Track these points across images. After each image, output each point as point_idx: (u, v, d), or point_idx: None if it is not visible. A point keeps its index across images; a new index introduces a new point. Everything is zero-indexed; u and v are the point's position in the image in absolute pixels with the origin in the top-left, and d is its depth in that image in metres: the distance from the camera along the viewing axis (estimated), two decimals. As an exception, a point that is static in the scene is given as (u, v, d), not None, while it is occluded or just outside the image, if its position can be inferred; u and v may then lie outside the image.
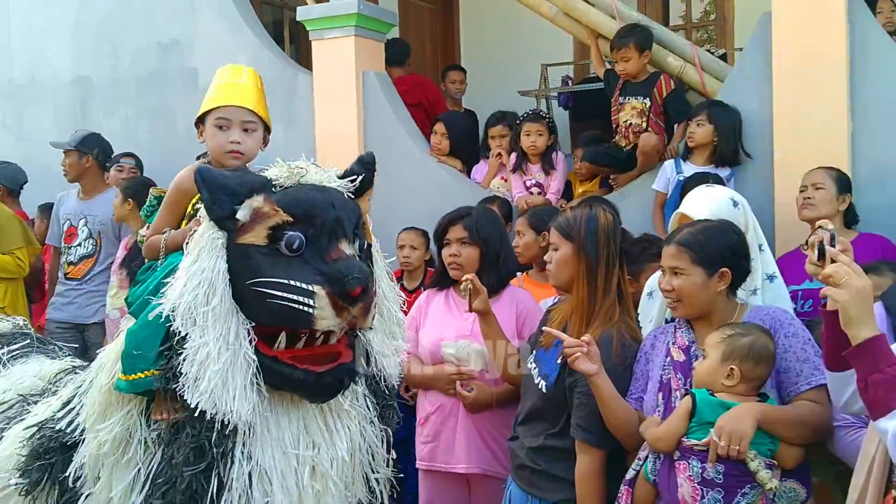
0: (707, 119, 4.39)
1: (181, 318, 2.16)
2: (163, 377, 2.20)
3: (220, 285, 2.16)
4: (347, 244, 2.21)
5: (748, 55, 4.56)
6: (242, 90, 2.72)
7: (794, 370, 2.46)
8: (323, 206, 2.20)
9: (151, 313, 2.24)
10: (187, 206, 2.60)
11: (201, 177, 2.21)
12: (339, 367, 2.24)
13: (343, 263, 2.14)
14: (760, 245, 2.96)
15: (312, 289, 2.09)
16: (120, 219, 5.31)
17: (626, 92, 4.95)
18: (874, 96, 4.16)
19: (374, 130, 5.52)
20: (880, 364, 1.86)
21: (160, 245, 2.54)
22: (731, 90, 4.57)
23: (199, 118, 2.72)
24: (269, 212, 2.17)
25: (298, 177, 2.27)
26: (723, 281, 2.57)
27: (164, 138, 6.28)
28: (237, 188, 2.20)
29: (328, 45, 5.57)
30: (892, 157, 4.02)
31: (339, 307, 2.10)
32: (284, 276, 2.12)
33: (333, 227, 2.19)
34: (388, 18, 5.83)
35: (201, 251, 2.20)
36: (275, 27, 7.59)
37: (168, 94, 6.30)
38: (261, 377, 2.18)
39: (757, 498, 2.32)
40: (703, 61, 5.03)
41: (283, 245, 2.15)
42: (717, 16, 7.92)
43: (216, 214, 2.20)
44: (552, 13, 5.47)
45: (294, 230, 2.15)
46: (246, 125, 2.66)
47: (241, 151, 2.64)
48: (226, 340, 2.13)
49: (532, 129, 5.01)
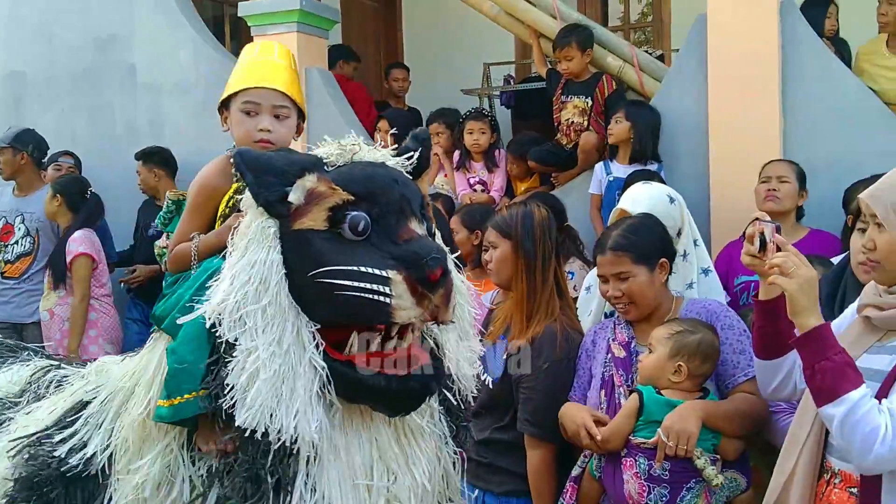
0: (624, 117, 4.49)
1: (228, 322, 1.83)
2: (209, 395, 1.88)
3: (274, 279, 1.84)
4: (417, 223, 1.90)
5: (684, 56, 4.67)
6: (273, 70, 2.35)
7: (732, 362, 2.51)
8: (385, 183, 1.90)
9: (190, 320, 1.95)
10: (217, 206, 2.26)
11: (242, 158, 1.88)
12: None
13: (417, 244, 1.83)
14: (696, 240, 3.03)
15: (387, 274, 1.77)
16: (50, 216, 5.23)
17: (568, 91, 5.03)
18: (805, 96, 4.31)
19: (317, 127, 5.45)
20: (828, 352, 1.91)
21: (190, 252, 2.18)
22: (668, 90, 4.67)
23: (223, 102, 2.38)
24: (325, 191, 1.86)
25: (351, 154, 1.98)
26: (664, 272, 2.63)
27: (101, 135, 6.17)
28: (286, 168, 1.89)
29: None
30: (822, 155, 4.16)
31: (418, 294, 1.78)
32: (353, 263, 1.79)
33: (400, 204, 1.88)
34: (331, 15, 5.82)
35: (249, 244, 1.88)
36: (215, 23, 7.50)
37: (105, 90, 6.19)
38: (331, 387, 1.84)
39: (701, 491, 2.37)
40: (642, 62, 5.13)
41: (346, 228, 1.83)
42: (654, 17, 8.07)
43: (265, 198, 1.87)
44: (494, 12, 5.52)
45: (357, 210, 1.84)
46: (277, 110, 2.31)
47: (272, 141, 2.28)
48: (279, 344, 1.81)
49: (475, 127, 5.05)
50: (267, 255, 1.85)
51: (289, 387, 1.79)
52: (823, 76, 4.32)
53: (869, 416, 1.84)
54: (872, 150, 4.10)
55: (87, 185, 5.35)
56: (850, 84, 4.33)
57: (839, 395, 1.86)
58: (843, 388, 1.86)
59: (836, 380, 1.88)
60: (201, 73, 5.91)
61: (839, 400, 1.86)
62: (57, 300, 5.06)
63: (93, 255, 5.02)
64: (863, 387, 1.88)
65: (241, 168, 1.88)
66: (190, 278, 2.12)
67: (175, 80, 5.98)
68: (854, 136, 4.23)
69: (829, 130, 4.28)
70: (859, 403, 1.85)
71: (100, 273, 5.10)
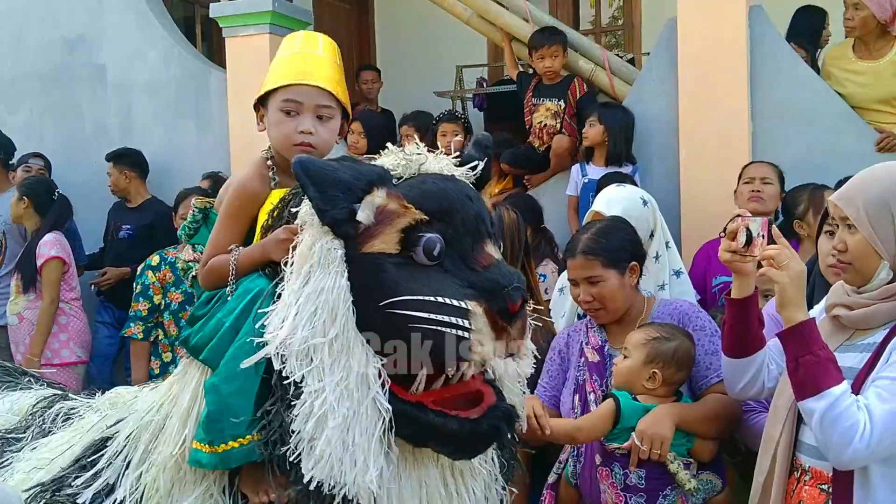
0: (598, 119, 4.53)
1: (295, 359, 1.63)
2: (265, 442, 1.68)
3: (342, 310, 1.64)
4: (492, 245, 1.73)
5: (655, 59, 4.72)
6: (317, 64, 2.10)
7: (704, 363, 2.51)
8: (459, 200, 1.71)
9: (233, 351, 1.75)
10: (254, 214, 2.03)
11: (304, 169, 1.66)
12: (492, 411, 1.72)
13: (497, 270, 1.66)
14: (667, 242, 3.06)
15: (466, 306, 1.60)
16: (16, 219, 5.16)
17: (540, 93, 5.05)
18: (773, 99, 4.38)
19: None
20: (813, 347, 1.93)
21: (229, 267, 1.93)
22: (639, 93, 4.72)
23: (260, 99, 2.15)
24: (397, 210, 1.67)
25: (418, 164, 1.77)
26: (634, 275, 2.62)
27: (70, 136, 6.10)
28: (353, 182, 1.68)
29: (242, 42, 5.51)
30: (790, 156, 4.22)
31: (498, 328, 1.61)
32: (428, 292, 1.61)
33: (475, 224, 1.70)
34: (303, 17, 5.81)
35: (313, 269, 1.67)
36: (186, 23, 7.44)
37: (74, 91, 6.12)
38: (392, 432, 1.66)
39: (677, 498, 2.38)
40: (613, 65, 5.18)
41: (419, 251, 1.65)
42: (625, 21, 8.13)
43: (332, 217, 1.66)
44: (467, 15, 5.54)
45: (430, 232, 1.66)
46: (321, 111, 2.07)
47: (314, 144, 2.05)
48: (347, 384, 1.62)
49: (448, 129, 5.07)
50: (334, 281, 1.65)
51: (355, 431, 1.61)
52: (791, 80, 4.39)
53: (849, 412, 1.86)
54: (839, 152, 4.18)
55: (55, 186, 5.28)
56: (818, 87, 4.40)
57: (821, 390, 1.89)
58: (826, 382, 1.89)
59: (818, 374, 1.90)
60: (172, 73, 5.86)
61: (821, 394, 1.89)
62: (26, 304, 4.98)
63: (64, 258, 4.96)
64: (844, 383, 1.91)
65: (303, 180, 1.67)
66: (229, 300, 1.90)
67: (145, 81, 5.93)
68: (821, 138, 4.30)
69: (796, 133, 4.35)
70: (840, 399, 1.87)
71: (69, 276, 5.03)
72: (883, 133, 4.25)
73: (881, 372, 1.93)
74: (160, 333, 4.40)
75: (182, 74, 5.83)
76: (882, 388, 1.90)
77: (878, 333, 2.01)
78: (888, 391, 1.88)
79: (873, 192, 2.01)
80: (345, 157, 1.86)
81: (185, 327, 1.99)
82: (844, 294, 2.10)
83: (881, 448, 1.87)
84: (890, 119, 4.35)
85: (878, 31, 4.35)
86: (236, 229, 2.02)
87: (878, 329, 2.02)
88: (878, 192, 2.00)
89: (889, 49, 4.35)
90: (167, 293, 4.36)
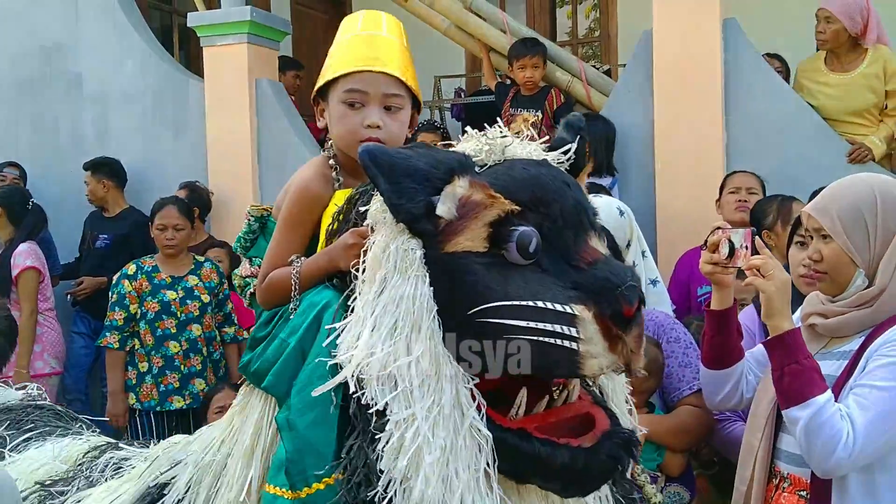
0: None
1: (376, 384, 1.38)
2: (349, 485, 1.42)
3: (426, 321, 1.40)
4: (597, 239, 1.49)
5: (631, 70, 4.77)
6: (384, 48, 1.85)
7: (677, 375, 2.52)
8: (556, 187, 1.46)
9: (317, 388, 1.46)
10: (317, 220, 1.79)
11: (373, 159, 1.43)
12: (607, 438, 1.44)
13: (605, 267, 1.41)
14: (644, 252, 3.08)
15: (572, 310, 1.34)
16: None
17: (518, 104, 5.09)
18: (747, 110, 4.43)
19: (267, 139, 5.48)
20: (798, 356, 1.95)
21: (290, 281, 1.68)
22: (615, 104, 4.76)
23: (319, 92, 1.90)
24: (483, 200, 1.42)
25: (502, 148, 1.54)
26: None
27: (45, 145, 6.05)
28: (430, 170, 1.45)
29: (220, 51, 5.50)
30: (764, 168, 4.25)
31: (612, 336, 1.35)
32: (526, 296, 1.36)
33: (576, 214, 1.46)
34: (282, 26, 5.81)
35: (388, 274, 1.43)
36: (163, 32, 7.41)
37: (51, 100, 6.07)
38: (495, 466, 1.39)
39: None
40: (589, 76, 5.23)
41: (511, 248, 1.39)
42: (601, 33, 8.19)
43: (407, 212, 1.43)
44: (445, 26, 5.57)
45: (524, 225, 1.41)
46: (389, 100, 1.83)
47: (382, 140, 1.79)
48: (441, 410, 1.37)
49: (427, 139, 5.06)
50: (415, 288, 1.41)
51: (454, 468, 1.35)
52: (764, 92, 4.45)
53: (832, 421, 1.88)
54: (812, 163, 4.23)
55: (29, 196, 5.24)
56: (790, 100, 4.46)
57: (806, 399, 1.91)
58: (811, 391, 1.91)
59: (803, 383, 1.92)
60: (148, 83, 5.83)
61: (805, 403, 1.90)
62: (-1, 314, 4.93)
63: (39, 268, 4.92)
64: (828, 392, 1.93)
65: (372, 171, 1.43)
66: (292, 318, 1.66)
67: (122, 90, 5.90)
68: (794, 150, 4.36)
69: (770, 144, 4.40)
70: (825, 407, 1.89)
71: (44, 287, 4.99)
72: (854, 145, 4.32)
73: (859, 379, 1.96)
74: (136, 343, 4.36)
75: (159, 84, 5.80)
76: (862, 396, 1.92)
77: (854, 341, 2.04)
78: (868, 399, 1.91)
79: (847, 202, 2.04)
80: (418, 143, 1.61)
81: (245, 352, 1.76)
82: (819, 303, 2.14)
83: (863, 456, 1.89)
84: (861, 131, 4.42)
85: (849, 44, 4.42)
86: (297, 238, 1.78)
87: (854, 337, 2.05)
88: (851, 201, 2.04)
89: (860, 62, 4.42)
90: (143, 302, 4.33)
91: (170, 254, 4.40)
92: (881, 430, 1.89)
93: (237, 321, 4.59)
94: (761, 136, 4.41)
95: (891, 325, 1.98)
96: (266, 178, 5.41)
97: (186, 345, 4.33)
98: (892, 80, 4.36)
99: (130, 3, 6.06)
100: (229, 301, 4.56)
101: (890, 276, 2.00)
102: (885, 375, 1.91)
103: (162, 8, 7.71)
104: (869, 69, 4.38)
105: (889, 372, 1.91)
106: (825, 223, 2.05)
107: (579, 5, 8.34)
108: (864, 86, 4.40)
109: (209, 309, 4.42)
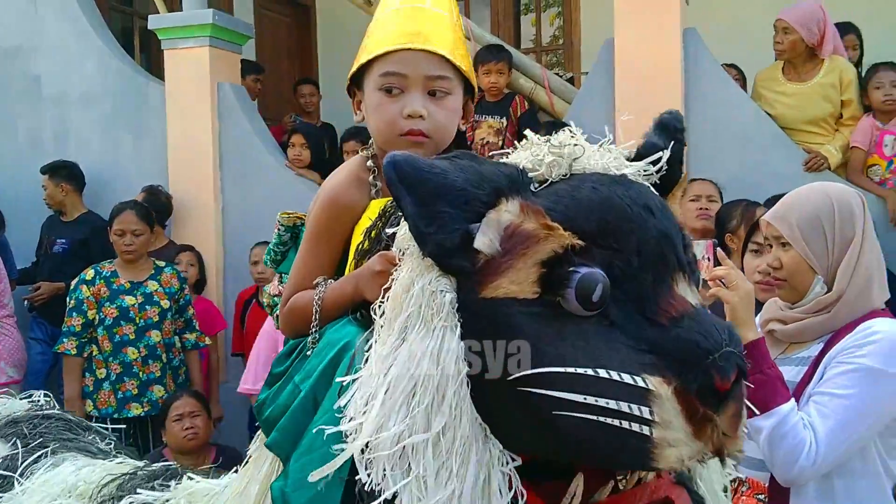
0: None
1: (386, 466, 1.10)
2: None
3: (452, 388, 1.10)
4: (686, 283, 1.15)
5: (593, 78, 4.83)
6: (429, 23, 1.52)
7: None
8: (634, 213, 1.14)
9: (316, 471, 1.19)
10: (348, 233, 1.51)
11: (398, 172, 1.11)
12: None
13: (692, 325, 1.09)
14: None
15: (645, 383, 1.04)
16: None
17: (481, 110, 5.10)
18: (706, 119, 4.50)
19: (229, 142, 5.44)
20: (762, 365, 1.96)
21: (312, 309, 1.41)
22: (578, 111, 4.80)
23: (355, 81, 1.61)
24: (535, 231, 1.11)
25: (570, 160, 1.23)
26: None
27: (3, 148, 5.97)
28: (469, 189, 1.12)
29: (181, 55, 5.46)
30: (724, 175, 4.32)
31: (697, 418, 1.05)
32: (585, 361, 1.06)
33: (659, 251, 1.13)
34: (244, 30, 5.78)
35: (410, 321, 1.13)
36: (124, 35, 7.33)
37: (8, 102, 5.98)
38: None
39: None
40: (552, 83, 5.28)
41: (570, 295, 1.08)
42: (565, 41, 8.25)
43: (436, 244, 1.12)
44: (409, 31, 5.57)
45: (588, 265, 1.09)
46: (433, 83, 1.52)
47: (426, 132, 1.51)
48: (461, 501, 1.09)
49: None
50: (439, 343, 1.11)
51: None
52: (723, 100, 4.53)
53: (796, 430, 1.91)
54: (770, 171, 4.31)
55: (-15, 199, 5.16)
56: (748, 108, 4.54)
57: (770, 408, 1.92)
58: (774, 401, 1.93)
59: (767, 393, 1.94)
60: (108, 85, 5.77)
61: (769, 412, 1.92)
62: (-44, 319, 4.83)
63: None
64: (791, 401, 1.95)
65: (396, 190, 1.12)
66: (309, 356, 1.39)
67: (81, 92, 5.82)
68: (753, 158, 4.44)
69: (729, 152, 4.47)
70: (788, 416, 1.92)
71: (2, 292, 4.90)
72: (811, 154, 4.40)
73: (819, 387, 1.99)
74: (94, 349, 4.30)
75: (119, 86, 5.74)
76: (822, 405, 1.95)
77: (813, 347, 2.08)
78: (828, 407, 1.94)
79: (805, 210, 2.08)
80: (463, 152, 1.20)
81: (263, 389, 1.49)
82: (778, 309, 2.17)
83: (825, 465, 1.92)
84: (817, 140, 4.51)
85: (806, 54, 4.51)
86: (325, 255, 1.51)
87: (813, 342, 2.08)
88: (809, 209, 2.07)
89: (817, 72, 4.51)
90: (102, 308, 4.27)
91: (129, 259, 4.36)
92: (842, 438, 1.92)
93: (198, 327, 4.54)
94: (720, 143, 4.48)
95: (849, 332, 2.01)
96: (227, 183, 5.37)
97: (145, 351, 4.28)
98: (847, 90, 4.47)
99: (90, 5, 5.99)
100: (190, 307, 4.52)
101: (847, 282, 2.04)
102: (843, 383, 1.94)
103: (123, 10, 7.62)
104: (825, 79, 4.48)
105: (847, 379, 1.94)
106: (784, 231, 2.08)
107: (543, 13, 8.40)
108: (821, 95, 4.49)
109: (169, 315, 4.37)
